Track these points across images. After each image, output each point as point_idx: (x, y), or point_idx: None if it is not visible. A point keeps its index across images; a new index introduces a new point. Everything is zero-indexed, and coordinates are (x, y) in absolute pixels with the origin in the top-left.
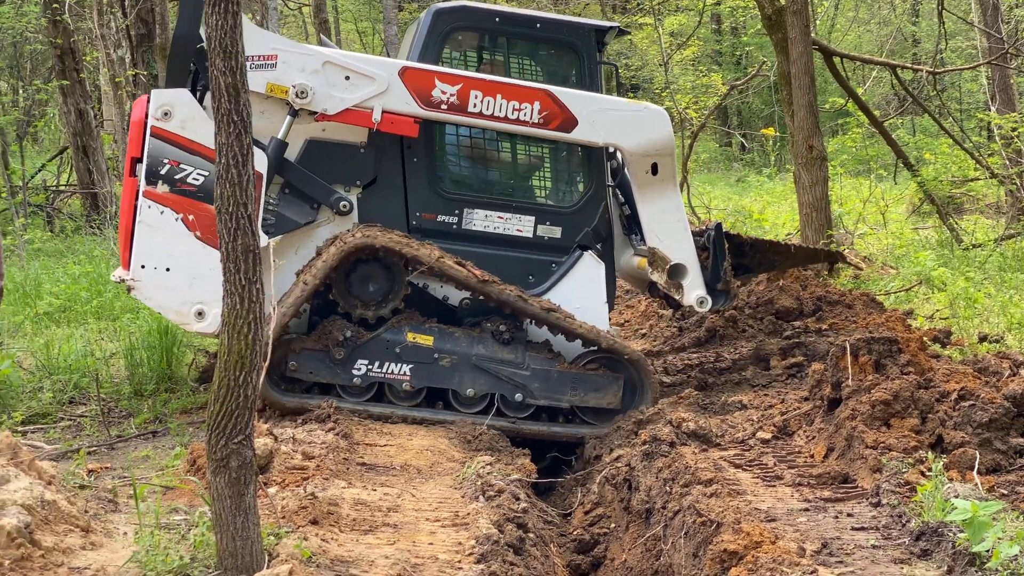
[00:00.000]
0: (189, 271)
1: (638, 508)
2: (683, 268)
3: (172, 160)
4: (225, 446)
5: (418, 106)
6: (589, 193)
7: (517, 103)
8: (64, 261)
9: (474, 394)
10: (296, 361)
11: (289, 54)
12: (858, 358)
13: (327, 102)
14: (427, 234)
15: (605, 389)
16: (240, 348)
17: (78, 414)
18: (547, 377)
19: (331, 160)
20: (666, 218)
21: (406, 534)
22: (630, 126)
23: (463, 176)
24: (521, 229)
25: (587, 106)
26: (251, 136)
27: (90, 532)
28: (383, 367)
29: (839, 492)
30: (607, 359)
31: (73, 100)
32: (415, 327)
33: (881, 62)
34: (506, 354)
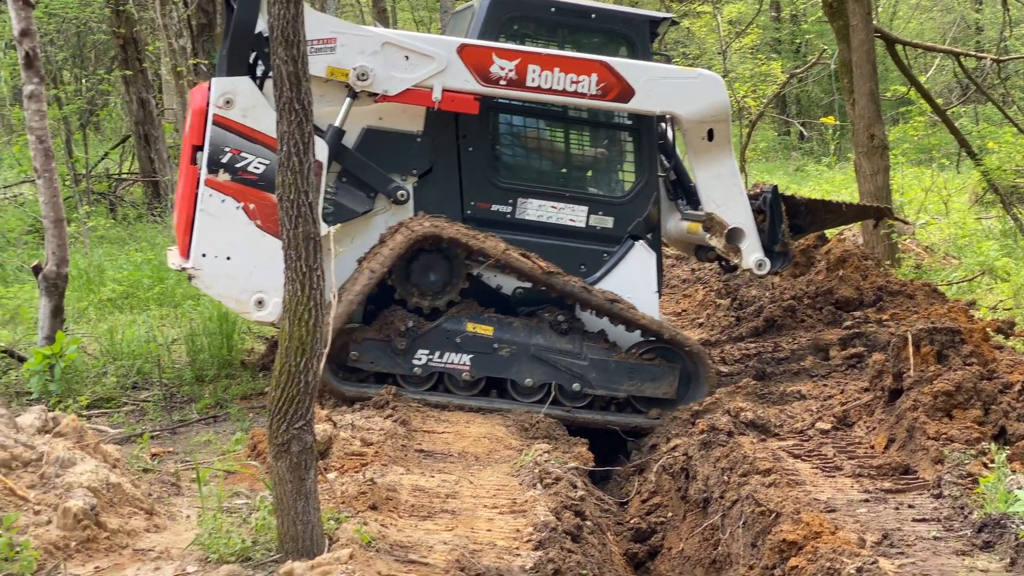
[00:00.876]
0: (249, 260)
1: (695, 497)
2: (740, 232)
3: (233, 148)
4: (286, 431)
5: (477, 83)
6: (641, 184)
7: (575, 75)
8: (126, 248)
9: (533, 384)
10: (358, 351)
11: (348, 36)
12: (920, 349)
13: (388, 83)
14: (481, 223)
15: (662, 379)
16: (301, 335)
17: (141, 399)
18: (605, 367)
19: (387, 149)
20: (722, 183)
21: (464, 520)
22: (686, 93)
23: (518, 165)
24: (574, 219)
25: (643, 75)
26: (312, 124)
27: (154, 515)
28: (443, 357)
29: (900, 483)
30: (663, 349)
31: (135, 89)
32: (474, 317)
33: (944, 50)
34: (564, 344)
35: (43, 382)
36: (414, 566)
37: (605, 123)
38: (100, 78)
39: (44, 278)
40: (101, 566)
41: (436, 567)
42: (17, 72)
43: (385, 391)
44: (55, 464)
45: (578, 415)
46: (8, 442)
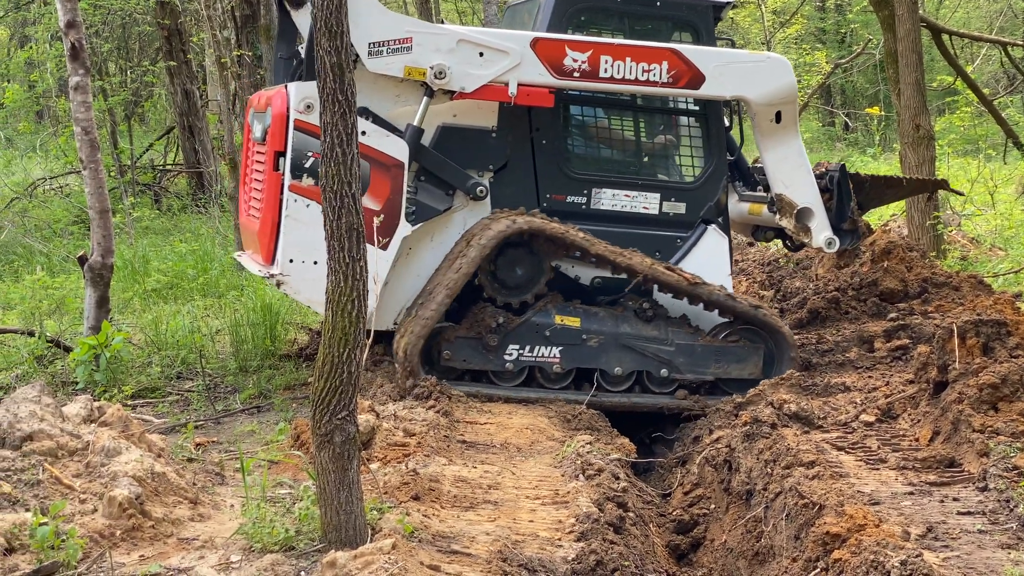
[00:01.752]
0: None
1: (738, 489)
2: (809, 211)
3: (316, 152)
4: (329, 421)
5: (551, 76)
6: (711, 168)
7: (646, 64)
8: (171, 239)
9: (621, 372)
10: (450, 350)
11: (423, 35)
12: (965, 341)
13: (464, 80)
14: (557, 215)
15: (747, 360)
16: (344, 325)
17: (185, 389)
18: (691, 352)
19: (463, 146)
20: (790, 164)
21: (506, 511)
22: (755, 77)
23: (590, 156)
24: (647, 206)
25: (713, 61)
26: (355, 116)
27: (198, 504)
28: (534, 351)
29: (945, 476)
30: (747, 330)
31: (179, 81)
32: (561, 309)
33: (991, 39)
34: (650, 331)
35: (89, 372)
36: (456, 557)
37: (673, 110)
38: (145, 69)
39: (90, 268)
40: (146, 554)
41: (478, 558)
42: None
43: (428, 383)
44: (101, 453)
45: (606, 399)
46: (54, 431)
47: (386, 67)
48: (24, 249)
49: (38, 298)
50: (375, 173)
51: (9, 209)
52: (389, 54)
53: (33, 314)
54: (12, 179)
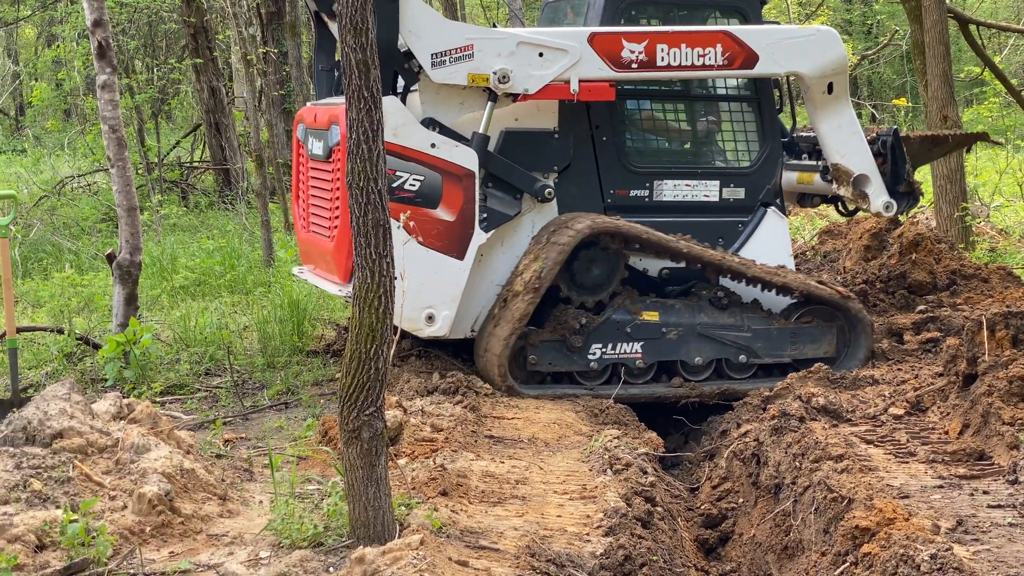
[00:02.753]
0: (416, 277)
1: (767, 483)
2: (865, 178)
3: (389, 169)
4: (357, 417)
5: (611, 69)
6: (766, 151)
7: (701, 49)
8: (198, 236)
9: (702, 362)
10: (535, 354)
11: (484, 41)
12: (995, 333)
13: (527, 82)
14: (621, 210)
15: (821, 339)
16: (371, 321)
17: (213, 385)
18: (768, 335)
19: (527, 149)
20: (844, 133)
21: (534, 506)
22: (807, 51)
23: (650, 148)
24: (708, 194)
25: (765, 39)
26: (381, 112)
27: (227, 500)
28: (616, 348)
29: (974, 469)
30: (819, 310)
31: (206, 78)
32: (639, 305)
33: (1019, 29)
34: (727, 319)
35: (118, 369)
36: (485, 552)
37: (726, 96)
38: (171, 67)
39: (118, 266)
40: (175, 551)
41: (506, 553)
42: (90, 62)
43: (455, 378)
44: (130, 450)
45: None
46: (84, 428)
47: (450, 76)
48: (53, 247)
49: (67, 296)
50: (447, 184)
51: (38, 207)
52: (452, 63)
53: (62, 312)
54: (40, 177)
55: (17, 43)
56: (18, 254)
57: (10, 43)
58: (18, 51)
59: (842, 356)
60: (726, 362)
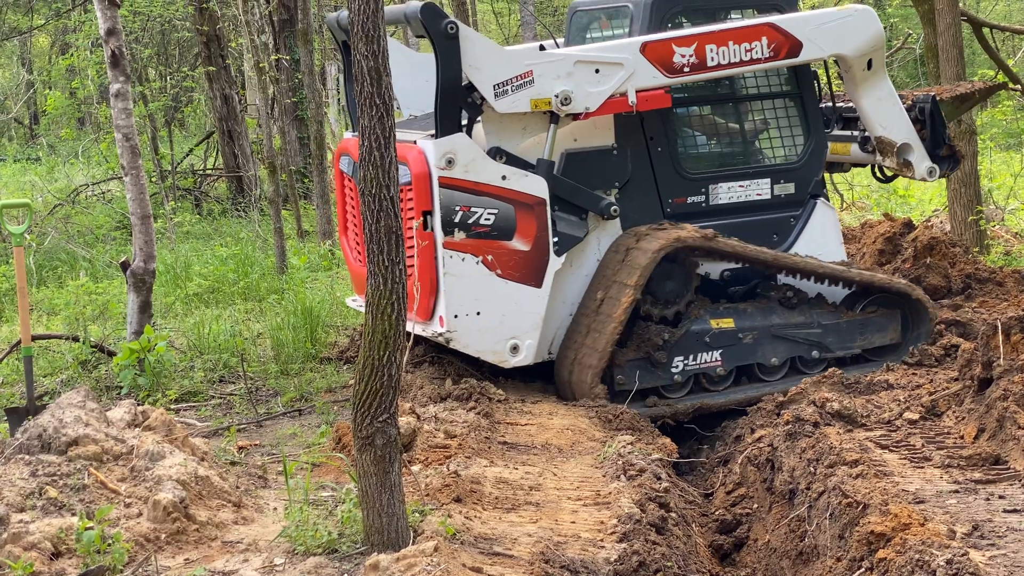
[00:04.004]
0: (498, 309)
1: (781, 489)
2: (908, 147)
3: (463, 206)
4: (370, 424)
5: (664, 76)
6: (812, 144)
7: (748, 43)
8: (212, 243)
9: (777, 362)
10: (623, 374)
11: (543, 65)
12: (1010, 337)
13: (587, 100)
14: (680, 218)
15: (887, 327)
16: (384, 328)
17: (227, 392)
18: (838, 329)
19: (588, 168)
20: (884, 105)
21: (548, 512)
22: (847, 33)
23: (702, 154)
24: (760, 192)
25: (806, 25)
26: (393, 119)
27: (241, 507)
28: (697, 359)
29: (990, 474)
30: (882, 298)
31: (219, 86)
32: (714, 313)
33: None
34: (797, 317)
35: (132, 376)
36: (499, 558)
37: (769, 94)
38: (184, 75)
39: (132, 274)
40: (191, 558)
41: (521, 559)
42: (104, 70)
43: (469, 386)
44: (145, 457)
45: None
46: (99, 436)
47: (513, 105)
48: (68, 255)
49: (82, 304)
50: (520, 214)
51: (52, 215)
52: (514, 91)
53: (77, 319)
54: (55, 185)
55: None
56: (33, 262)
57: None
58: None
59: (907, 341)
60: (799, 359)
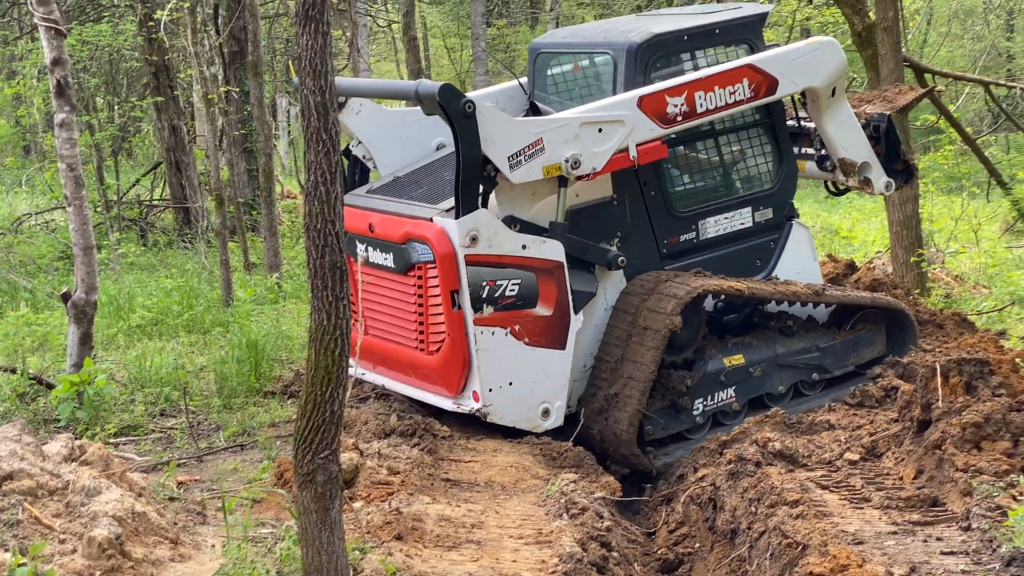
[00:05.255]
0: (528, 377)
1: (723, 528)
2: (868, 165)
3: (489, 280)
4: (311, 460)
5: (660, 128)
6: (784, 168)
7: (731, 86)
8: (156, 274)
9: (783, 389)
10: (652, 425)
11: (551, 132)
12: (948, 379)
13: (594, 161)
14: (675, 257)
15: (875, 341)
16: (327, 364)
17: (168, 426)
18: (834, 350)
19: (593, 222)
20: (846, 127)
21: (489, 551)
22: (816, 66)
23: (689, 192)
24: (743, 221)
25: (780, 63)
26: (339, 154)
27: (179, 544)
28: (714, 398)
29: (928, 515)
30: (868, 314)
31: (167, 116)
32: (725, 351)
33: (974, 78)
34: (798, 344)
35: (71, 409)
36: None
37: (744, 124)
38: (132, 105)
39: (73, 305)
40: None
41: None
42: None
43: (414, 422)
44: (81, 493)
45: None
46: (34, 470)
47: (528, 175)
48: (8, 285)
49: (21, 334)
50: (541, 280)
51: None
52: (527, 161)
53: (16, 351)
54: None
55: None
56: None
57: None
58: None
59: (894, 351)
60: (802, 383)
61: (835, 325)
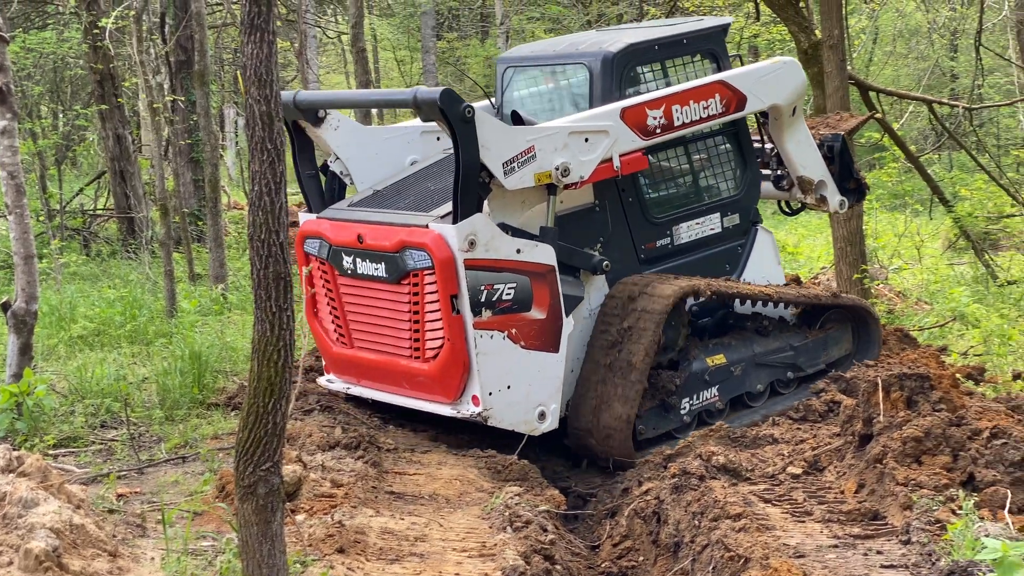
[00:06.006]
0: (525, 380)
1: (666, 542)
2: (823, 183)
3: (487, 284)
4: (253, 473)
5: (641, 139)
6: (749, 174)
7: (705, 101)
8: (99, 285)
9: (762, 388)
10: (643, 425)
11: (542, 140)
12: (890, 394)
13: (581, 169)
14: (652, 262)
15: (841, 339)
16: (270, 375)
17: (109, 438)
18: (806, 349)
19: (577, 228)
20: (802, 147)
21: (432, 564)
22: (780, 84)
23: (663, 199)
24: (713, 227)
25: (748, 80)
26: (284, 164)
27: (117, 557)
28: (699, 397)
29: (869, 529)
30: (836, 314)
31: (112, 125)
32: (706, 351)
33: (918, 97)
34: (773, 343)
35: (10, 420)
36: None
37: (711, 132)
38: (77, 113)
39: (13, 315)
40: None
41: None
42: None
43: (358, 434)
44: (18, 504)
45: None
46: None
47: (520, 181)
48: None
49: None
50: (535, 285)
51: None
52: (520, 167)
53: None
54: None
55: None
56: None
57: None
58: None
59: (859, 349)
60: (777, 381)
61: (805, 325)
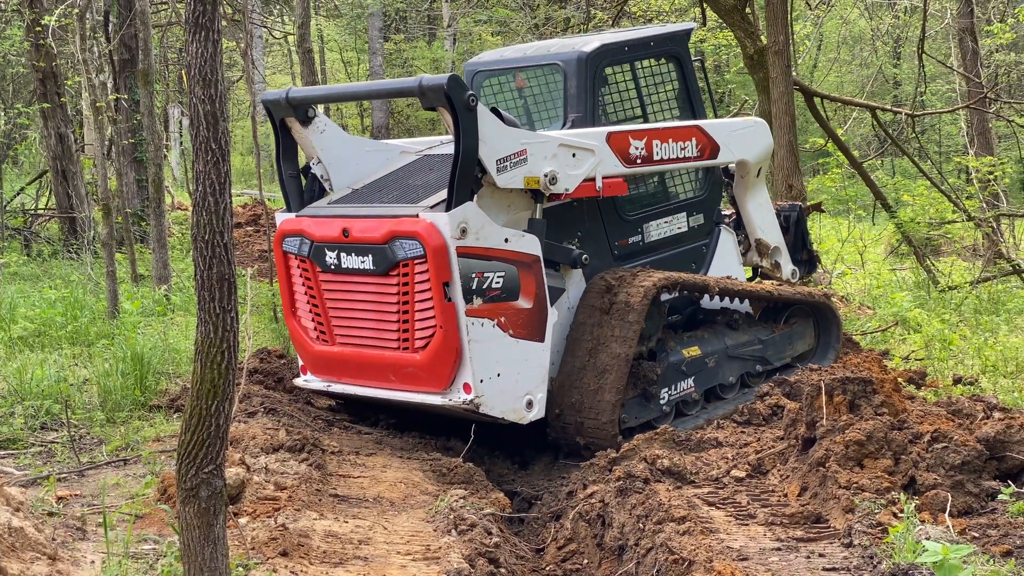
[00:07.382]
0: (514, 369)
1: (611, 545)
2: (778, 249)
3: (478, 272)
4: (195, 475)
5: (623, 166)
6: (712, 176)
7: (683, 143)
8: (40, 285)
9: (733, 380)
10: (626, 413)
11: (535, 145)
12: (833, 398)
13: (567, 182)
14: (625, 258)
15: (804, 334)
16: (213, 377)
17: (49, 440)
18: (774, 343)
19: (556, 223)
20: (762, 210)
21: (376, 567)
22: (750, 141)
23: (635, 197)
24: (680, 226)
25: (722, 131)
26: (229, 165)
27: (57, 560)
28: (677, 388)
29: (811, 532)
30: (799, 309)
31: (54, 124)
32: (682, 343)
33: (861, 103)
34: (743, 337)
35: None
36: None
37: None
38: (18, 111)
39: None
40: None
41: None
42: None
43: (302, 437)
44: None
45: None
46: None
47: (511, 180)
48: None
49: None
50: (522, 274)
51: None
52: (512, 168)
53: None
54: None
55: None
56: None
57: None
58: None
59: (821, 345)
60: (747, 375)
61: (771, 320)
